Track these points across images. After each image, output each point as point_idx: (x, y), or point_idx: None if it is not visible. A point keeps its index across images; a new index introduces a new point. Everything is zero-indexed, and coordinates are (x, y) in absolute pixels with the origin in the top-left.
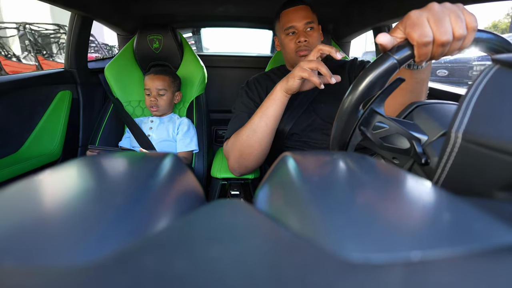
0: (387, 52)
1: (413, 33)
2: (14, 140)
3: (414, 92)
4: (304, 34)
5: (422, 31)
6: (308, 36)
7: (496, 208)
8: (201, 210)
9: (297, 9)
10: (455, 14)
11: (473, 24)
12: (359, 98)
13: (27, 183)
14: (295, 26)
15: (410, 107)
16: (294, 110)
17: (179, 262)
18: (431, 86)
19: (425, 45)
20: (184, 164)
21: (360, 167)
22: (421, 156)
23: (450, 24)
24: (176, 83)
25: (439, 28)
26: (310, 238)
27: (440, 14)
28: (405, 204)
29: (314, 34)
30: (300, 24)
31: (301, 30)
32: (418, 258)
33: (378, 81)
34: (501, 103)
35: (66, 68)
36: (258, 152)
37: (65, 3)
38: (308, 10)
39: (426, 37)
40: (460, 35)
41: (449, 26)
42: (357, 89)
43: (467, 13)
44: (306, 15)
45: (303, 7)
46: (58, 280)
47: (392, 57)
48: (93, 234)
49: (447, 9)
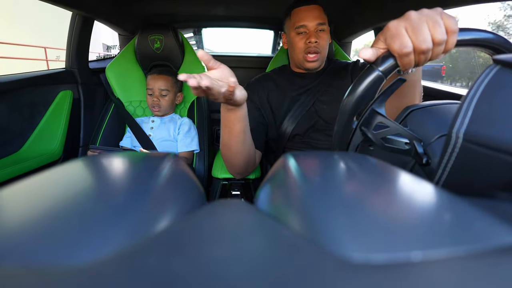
0: (372, 65)
1: (393, 44)
2: (15, 140)
3: (408, 94)
4: (315, 35)
5: (401, 42)
6: (319, 38)
7: (497, 208)
8: (202, 210)
9: (310, 8)
10: (433, 20)
11: (452, 27)
12: (351, 112)
13: (28, 183)
14: (306, 25)
15: (404, 112)
16: (296, 111)
17: (180, 262)
18: (430, 85)
19: (406, 55)
20: (185, 164)
21: (361, 167)
22: (422, 156)
23: (428, 31)
24: (178, 84)
25: (418, 37)
26: (311, 238)
27: (418, 23)
28: (406, 205)
29: (324, 36)
30: (312, 24)
31: (312, 30)
32: (419, 258)
33: (366, 94)
34: (502, 103)
35: (67, 68)
36: (240, 161)
37: (66, 3)
38: (321, 11)
39: (406, 47)
40: (440, 40)
41: (427, 34)
42: (347, 104)
43: (446, 17)
44: (318, 16)
45: (316, 7)
46: (58, 280)
47: (376, 69)
48: (94, 234)
49: (425, 16)
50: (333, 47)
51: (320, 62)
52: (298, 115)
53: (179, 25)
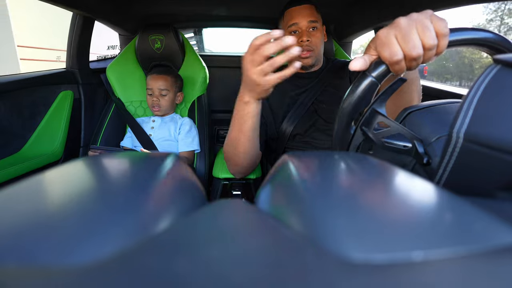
0: (365, 72)
1: (383, 52)
2: (16, 140)
3: (407, 92)
4: (307, 33)
5: (391, 50)
6: (311, 36)
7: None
8: (202, 210)
9: (302, 7)
10: (422, 25)
11: (442, 30)
12: (348, 119)
13: (29, 183)
14: (298, 24)
15: (402, 114)
16: (296, 110)
17: (180, 262)
18: (429, 85)
19: (397, 63)
20: (186, 164)
21: (361, 167)
22: (422, 156)
23: (418, 37)
24: (178, 84)
25: (407, 44)
26: (312, 238)
27: (407, 29)
28: (406, 204)
29: (317, 34)
30: (303, 22)
31: (304, 29)
32: (419, 258)
33: (362, 100)
34: (503, 103)
35: (67, 68)
36: (248, 158)
37: (67, 3)
38: (313, 10)
39: (396, 55)
40: (430, 45)
41: (417, 40)
42: (343, 112)
43: (435, 20)
44: (310, 14)
45: (308, 6)
46: (58, 280)
47: (369, 76)
48: (94, 234)
49: (414, 21)
50: (333, 47)
51: (313, 59)
52: (298, 115)
53: (179, 25)
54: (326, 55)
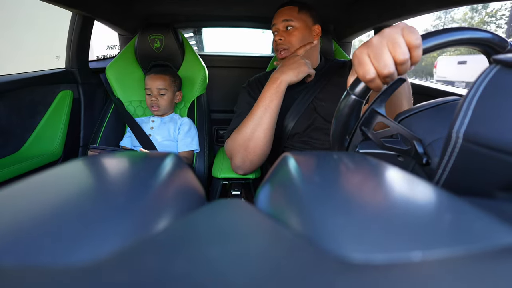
0: (347, 90)
1: (358, 72)
2: (15, 140)
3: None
4: (282, 33)
5: (364, 70)
6: (286, 35)
7: (496, 208)
8: (202, 210)
9: (283, 9)
10: (392, 41)
11: (414, 42)
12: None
13: (28, 182)
14: (275, 24)
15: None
16: (296, 108)
17: (179, 262)
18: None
19: (371, 81)
20: (185, 164)
21: (361, 167)
22: (422, 156)
23: (389, 55)
24: (176, 83)
25: (379, 63)
26: (311, 238)
27: (378, 48)
28: (406, 205)
29: (294, 33)
30: (279, 22)
31: (281, 29)
32: (419, 258)
33: (350, 118)
34: (502, 104)
35: (67, 68)
36: (263, 144)
37: (66, 3)
38: (293, 10)
39: (368, 74)
40: (402, 60)
41: (388, 58)
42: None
43: (407, 33)
44: (287, 13)
45: (289, 7)
46: (58, 280)
47: (351, 94)
48: (93, 233)
49: (385, 39)
50: (333, 47)
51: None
52: (297, 113)
53: (179, 25)
54: (326, 55)
